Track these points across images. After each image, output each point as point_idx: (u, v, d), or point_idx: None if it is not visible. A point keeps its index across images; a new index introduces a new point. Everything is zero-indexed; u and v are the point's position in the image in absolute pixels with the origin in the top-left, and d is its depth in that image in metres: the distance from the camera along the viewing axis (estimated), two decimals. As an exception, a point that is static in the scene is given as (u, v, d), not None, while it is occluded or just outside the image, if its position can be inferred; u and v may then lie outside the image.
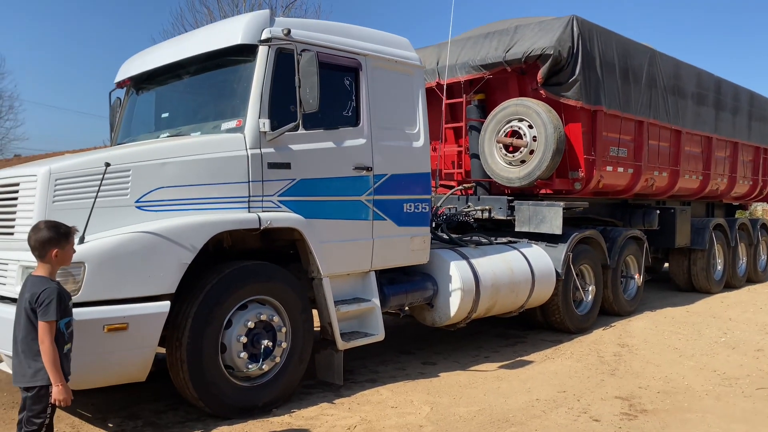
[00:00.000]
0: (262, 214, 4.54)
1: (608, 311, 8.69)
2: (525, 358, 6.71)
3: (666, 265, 11.74)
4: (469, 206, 8.26)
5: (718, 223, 11.06)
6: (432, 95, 8.28)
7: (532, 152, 7.63)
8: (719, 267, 11.22)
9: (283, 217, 4.66)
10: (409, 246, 5.76)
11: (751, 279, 12.50)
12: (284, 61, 4.69)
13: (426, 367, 6.26)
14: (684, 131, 9.87)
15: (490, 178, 8.09)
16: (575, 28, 7.44)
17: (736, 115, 11.62)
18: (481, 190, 8.47)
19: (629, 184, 8.91)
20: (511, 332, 7.90)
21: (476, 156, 8.27)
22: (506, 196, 8.01)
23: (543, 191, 8.18)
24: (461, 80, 8.11)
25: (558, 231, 7.47)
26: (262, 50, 4.71)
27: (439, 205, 7.99)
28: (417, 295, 6.00)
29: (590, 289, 8.02)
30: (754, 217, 14.47)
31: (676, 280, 11.13)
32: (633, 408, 5.07)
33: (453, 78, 8.20)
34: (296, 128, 4.72)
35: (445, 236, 7.28)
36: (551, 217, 7.53)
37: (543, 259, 7.27)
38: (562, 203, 7.50)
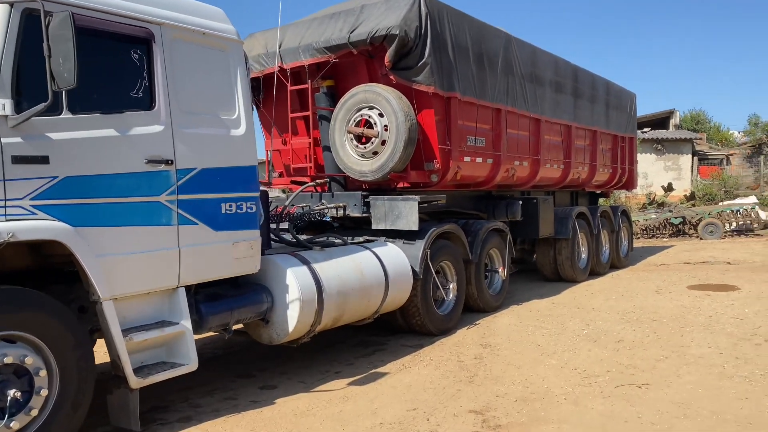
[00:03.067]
0: (1, 225, 3.46)
1: (473, 308, 8.27)
2: (380, 369, 6.04)
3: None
4: (322, 204, 7.50)
5: (580, 212, 11.07)
6: (281, 82, 7.47)
7: (384, 143, 7.00)
8: (584, 255, 11.25)
9: (35, 227, 3.60)
10: (232, 254, 4.87)
11: (615, 265, 12.74)
12: (36, 25, 3.63)
13: (263, 392, 5.40)
14: (543, 119, 9.69)
15: (344, 172, 7.37)
16: (422, 7, 6.86)
17: (594, 104, 11.73)
18: (337, 185, 7.74)
19: (490, 174, 8.54)
20: (373, 339, 7.23)
21: (329, 148, 7.53)
22: (361, 192, 7.32)
23: (401, 185, 7.57)
24: (305, 64, 7.32)
25: (414, 227, 6.89)
26: (1, 10, 3.62)
27: (287, 204, 7.15)
28: (246, 310, 5.13)
29: (452, 286, 7.51)
30: (614, 204, 14.85)
31: (543, 270, 11.03)
32: (486, 424, 4.51)
33: (296, 62, 7.39)
34: (56, 111, 3.70)
35: (290, 238, 6.46)
36: (407, 213, 6.94)
37: (398, 258, 6.64)
38: (417, 197, 6.92)
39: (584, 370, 5.80)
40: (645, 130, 31.27)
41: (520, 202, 9.27)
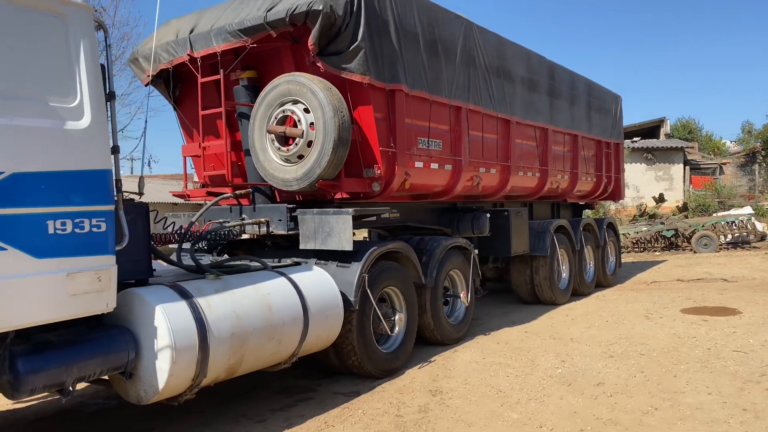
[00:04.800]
0: None
1: (430, 340, 7.01)
2: (296, 429, 4.75)
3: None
4: (243, 219, 6.24)
5: (560, 225, 9.83)
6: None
7: (310, 144, 5.76)
8: (564, 274, 10.00)
9: None
10: (66, 288, 3.60)
11: (601, 284, 11.50)
12: None
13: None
14: (514, 121, 8.49)
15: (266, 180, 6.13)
16: (353, -21, 5.66)
17: (574, 106, 10.55)
18: (262, 197, 6.48)
19: (449, 183, 7.32)
20: (300, 384, 5.94)
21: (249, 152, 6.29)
22: (287, 205, 6.07)
23: (339, 196, 6.33)
24: (217, 50, 6.08)
25: (348, 246, 5.64)
26: None
27: (193, 220, 5.88)
28: (93, 363, 3.84)
29: (398, 318, 6.22)
30: (600, 217, 13.65)
31: (519, 291, 9.77)
32: None
33: (208, 48, 6.16)
34: None
35: (191, 262, 5.19)
36: (339, 229, 5.69)
37: (324, 286, 5.37)
38: (351, 210, 5.68)
39: (551, 429, 4.54)
40: (635, 139, 30.26)
41: (488, 215, 8.04)
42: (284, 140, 5.89)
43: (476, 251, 8.33)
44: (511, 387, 5.56)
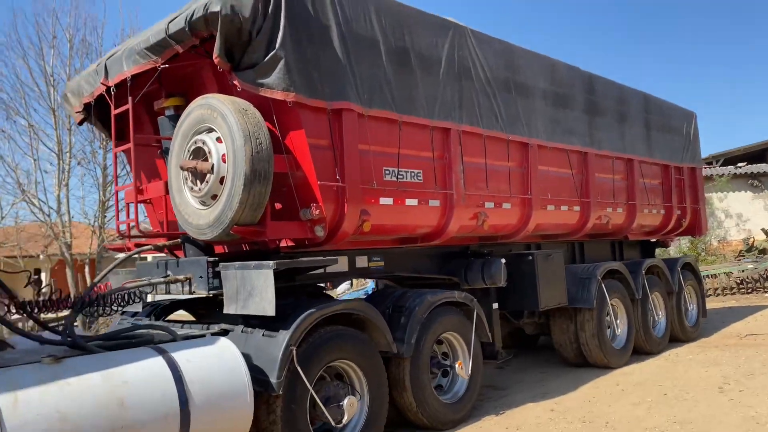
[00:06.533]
0: None
1: (414, 424, 5.50)
2: None
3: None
4: (167, 276, 5.13)
5: (610, 269, 7.98)
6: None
7: (222, 180, 4.58)
8: (619, 330, 8.09)
9: None
10: None
11: (678, 338, 9.39)
12: None
13: None
14: (533, 143, 6.94)
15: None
16: (265, -28, 4.51)
17: (625, 124, 8.79)
18: (193, 249, 5.34)
19: (440, 223, 5.89)
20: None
21: (177, 196, 5.20)
22: (209, 258, 4.90)
23: (285, 244, 5.10)
24: (128, 75, 5.10)
25: (269, 310, 4.37)
26: None
27: (96, 280, 4.83)
28: None
29: (347, 403, 4.73)
30: (671, 257, 11.47)
31: (563, 351, 7.96)
32: None
33: (120, 73, 5.20)
34: None
35: (62, 335, 4.10)
36: (260, 288, 4.44)
37: (224, 366, 4.08)
38: (272, 263, 4.40)
39: None
40: (739, 165, 27.00)
41: (503, 261, 6.47)
42: (198, 177, 4.76)
43: (495, 305, 6.84)
44: (489, 506, 3.97)
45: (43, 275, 15.35)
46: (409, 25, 5.60)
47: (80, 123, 6.05)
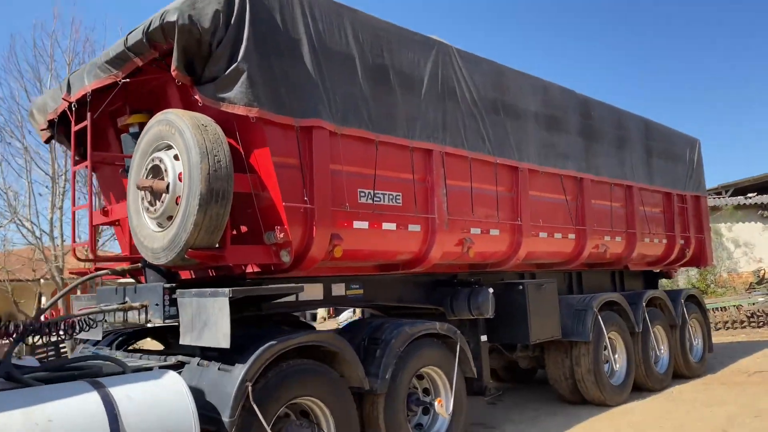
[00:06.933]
0: None
1: (388, 469, 5.07)
2: None
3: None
4: (125, 302, 4.80)
5: (608, 301, 7.58)
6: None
7: (178, 200, 4.28)
8: (618, 365, 7.64)
9: None
10: None
11: (682, 374, 8.92)
12: None
13: None
14: (524, 168, 6.62)
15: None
16: (228, -22, 4.26)
17: (624, 150, 8.46)
18: (154, 274, 5.01)
19: (421, 249, 5.55)
20: None
21: (139, 217, 4.90)
22: (164, 284, 4.57)
23: (251, 270, 4.78)
24: (88, 89, 4.84)
25: (223, 342, 4.02)
26: None
27: (46, 306, 4.50)
28: None
29: (309, 445, 4.37)
30: (674, 289, 11.01)
31: (558, 388, 7.51)
32: None
33: (81, 89, 4.95)
34: None
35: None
36: (215, 318, 4.10)
37: (168, 403, 3.71)
38: (227, 290, 4.06)
39: None
40: (749, 195, 26.51)
41: (490, 291, 6.11)
42: (156, 197, 4.46)
43: (484, 337, 6.48)
44: None
45: (43, 299, 15.07)
46: (388, 42, 5.34)
47: (47, 141, 5.81)
